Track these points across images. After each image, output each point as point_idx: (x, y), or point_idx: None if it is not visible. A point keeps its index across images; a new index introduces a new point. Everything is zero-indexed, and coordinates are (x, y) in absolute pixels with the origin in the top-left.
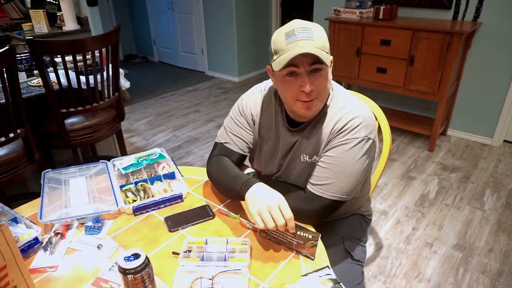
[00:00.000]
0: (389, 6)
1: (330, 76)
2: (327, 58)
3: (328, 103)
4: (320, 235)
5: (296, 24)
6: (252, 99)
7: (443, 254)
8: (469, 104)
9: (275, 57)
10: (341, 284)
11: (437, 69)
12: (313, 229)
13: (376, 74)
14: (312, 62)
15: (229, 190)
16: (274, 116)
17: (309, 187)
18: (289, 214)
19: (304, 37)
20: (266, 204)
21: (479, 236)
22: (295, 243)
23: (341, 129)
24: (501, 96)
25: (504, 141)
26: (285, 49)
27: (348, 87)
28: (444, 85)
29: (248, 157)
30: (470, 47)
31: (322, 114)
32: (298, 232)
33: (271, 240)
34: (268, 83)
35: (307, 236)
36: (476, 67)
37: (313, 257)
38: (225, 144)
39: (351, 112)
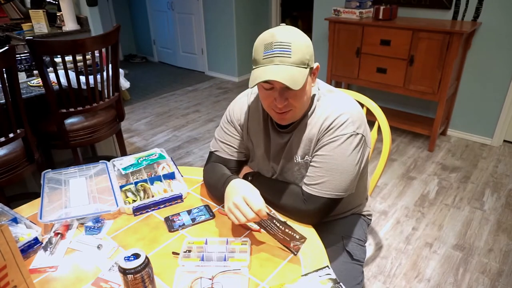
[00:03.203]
0: (389, 6)
1: (311, 81)
2: (299, 81)
3: (314, 103)
4: (306, 239)
5: (277, 36)
6: (239, 105)
7: (443, 254)
8: (469, 104)
9: (253, 67)
10: (341, 284)
11: (437, 69)
12: (301, 233)
13: (376, 74)
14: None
15: (217, 192)
16: (262, 119)
17: (304, 187)
18: (256, 206)
19: (280, 54)
20: (232, 201)
21: (479, 236)
22: (282, 237)
23: (328, 127)
24: (501, 96)
25: (504, 141)
26: (261, 63)
27: (348, 87)
28: (444, 85)
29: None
30: (470, 47)
31: (309, 114)
32: (286, 230)
33: (265, 230)
34: (256, 87)
35: (294, 235)
36: (476, 67)
37: (296, 253)
38: (215, 152)
39: (337, 109)
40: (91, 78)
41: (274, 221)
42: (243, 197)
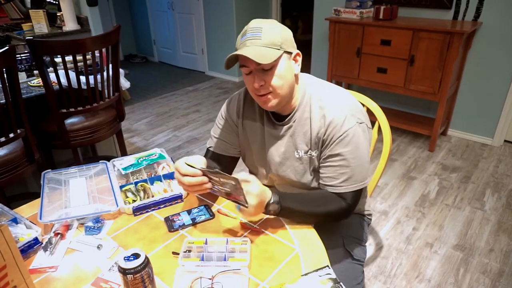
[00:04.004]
0: (389, 6)
1: (295, 69)
2: (267, 57)
3: (307, 95)
4: (238, 179)
5: (251, 24)
6: (234, 101)
7: (443, 254)
8: (470, 104)
9: None
10: (341, 283)
11: (438, 69)
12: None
13: (377, 74)
14: (256, 62)
15: None
16: (257, 113)
17: (331, 189)
18: (184, 170)
19: (252, 37)
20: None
21: (480, 236)
22: (223, 191)
23: (330, 125)
24: (501, 96)
25: (505, 141)
26: (237, 49)
27: (349, 87)
28: (444, 85)
29: (242, 159)
30: (471, 47)
31: (303, 107)
32: (221, 179)
33: (221, 195)
34: None
35: (230, 181)
36: (476, 67)
37: (247, 205)
38: (210, 148)
39: (334, 105)
40: (91, 78)
41: (209, 175)
42: (176, 168)
